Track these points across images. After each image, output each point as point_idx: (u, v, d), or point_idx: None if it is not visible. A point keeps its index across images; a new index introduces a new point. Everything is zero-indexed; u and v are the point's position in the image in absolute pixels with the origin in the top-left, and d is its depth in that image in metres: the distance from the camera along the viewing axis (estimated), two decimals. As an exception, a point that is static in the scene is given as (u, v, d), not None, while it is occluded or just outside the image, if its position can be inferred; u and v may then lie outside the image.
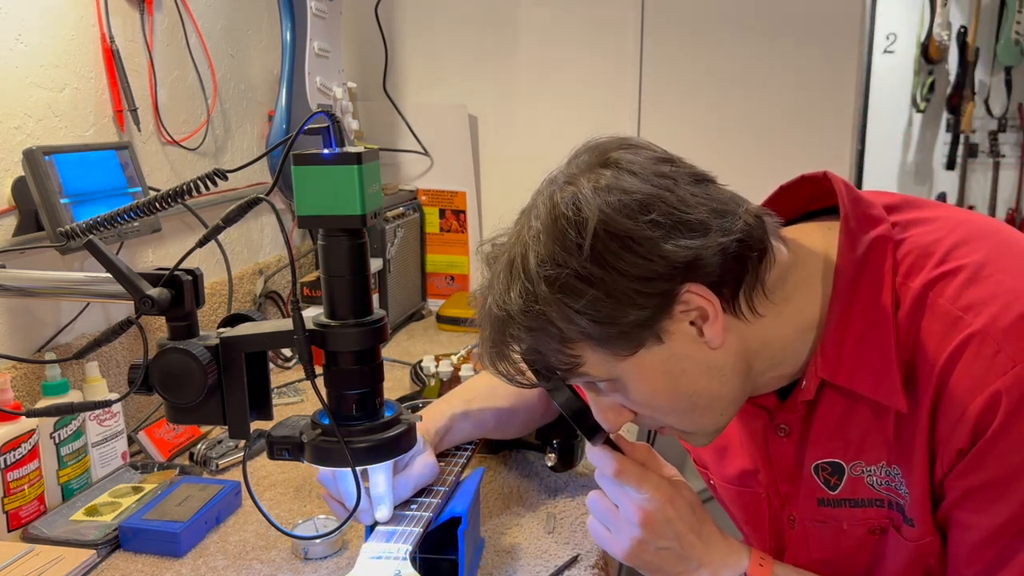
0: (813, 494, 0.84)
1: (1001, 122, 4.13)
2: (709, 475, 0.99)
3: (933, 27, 3.99)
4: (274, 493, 1.16)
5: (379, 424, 0.75)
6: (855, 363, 0.76)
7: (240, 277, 1.64)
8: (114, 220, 0.75)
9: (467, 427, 1.08)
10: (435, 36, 2.04)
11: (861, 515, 0.83)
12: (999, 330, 0.70)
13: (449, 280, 2.13)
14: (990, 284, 0.73)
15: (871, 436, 0.79)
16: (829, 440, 0.81)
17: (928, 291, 0.74)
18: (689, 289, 0.71)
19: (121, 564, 0.99)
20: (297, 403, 1.47)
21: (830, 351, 0.77)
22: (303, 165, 0.68)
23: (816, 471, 0.83)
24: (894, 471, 0.79)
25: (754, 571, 0.81)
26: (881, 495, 0.81)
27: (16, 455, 1.04)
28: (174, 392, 0.72)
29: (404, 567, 0.80)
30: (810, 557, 0.89)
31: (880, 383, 0.75)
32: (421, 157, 2.08)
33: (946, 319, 0.73)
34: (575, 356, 0.74)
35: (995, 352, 0.70)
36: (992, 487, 0.73)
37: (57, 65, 1.21)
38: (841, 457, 0.81)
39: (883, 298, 0.75)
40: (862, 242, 0.77)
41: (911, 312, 0.75)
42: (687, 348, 0.74)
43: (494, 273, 0.77)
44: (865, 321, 0.76)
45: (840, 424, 0.80)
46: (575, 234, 0.70)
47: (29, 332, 1.19)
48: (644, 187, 0.71)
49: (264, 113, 1.77)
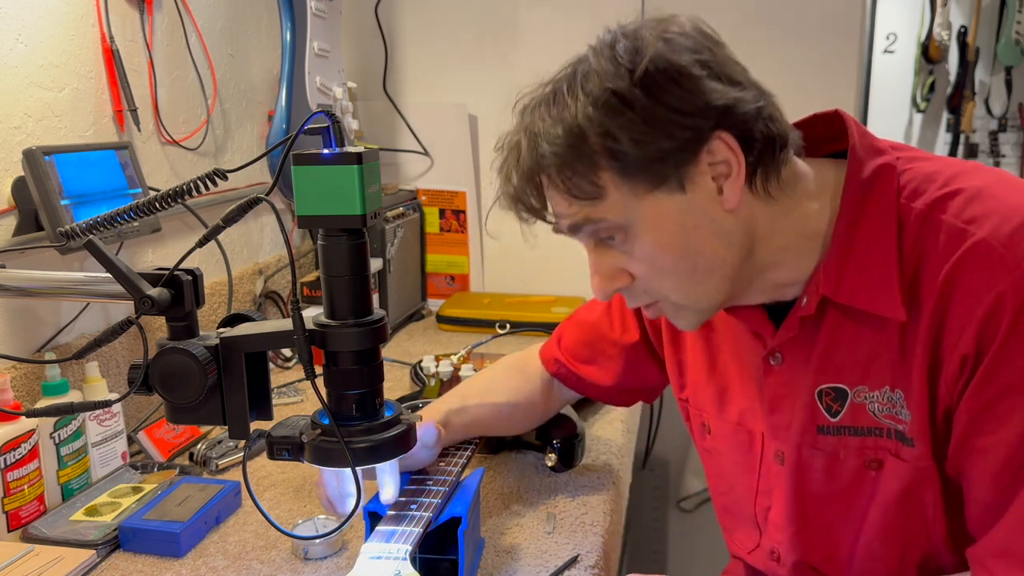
0: (813, 421, 0.86)
1: (1001, 122, 4.13)
2: (707, 420, 0.99)
3: (933, 27, 3.99)
4: (274, 493, 1.16)
5: (379, 424, 0.75)
6: (857, 280, 0.79)
7: (240, 277, 1.64)
8: (114, 220, 0.75)
9: (464, 421, 1.08)
10: (435, 36, 2.04)
11: (859, 444, 0.84)
12: (1003, 236, 0.74)
13: (449, 280, 2.13)
14: (991, 201, 0.77)
15: (876, 359, 0.81)
16: (834, 365, 0.83)
17: (932, 210, 0.78)
18: (719, 136, 0.75)
19: (121, 564, 0.99)
20: (297, 403, 1.47)
21: (832, 268, 0.80)
22: (303, 165, 0.68)
23: (820, 396, 0.85)
24: (896, 396, 0.81)
25: None
26: (882, 423, 0.82)
27: (16, 455, 1.04)
28: (174, 392, 0.72)
29: (404, 567, 0.80)
30: (802, 494, 0.89)
31: (879, 296, 0.78)
32: (421, 157, 2.08)
33: (950, 232, 0.76)
34: (599, 188, 0.76)
35: (999, 257, 0.73)
36: (1008, 396, 0.74)
37: (57, 65, 1.21)
38: (845, 382, 0.83)
39: (887, 218, 0.79)
40: (868, 167, 0.81)
41: (915, 230, 0.78)
42: (704, 204, 0.77)
43: (534, 101, 0.80)
44: (869, 240, 0.79)
45: (845, 347, 0.83)
46: (628, 59, 0.74)
47: (29, 332, 1.19)
48: (696, 38, 0.77)
49: (264, 113, 1.77)
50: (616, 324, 1.10)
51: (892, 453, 0.83)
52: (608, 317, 1.12)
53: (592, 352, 1.12)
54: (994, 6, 4.04)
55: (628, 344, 1.09)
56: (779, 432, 0.90)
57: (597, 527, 1.05)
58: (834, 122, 0.86)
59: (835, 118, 0.86)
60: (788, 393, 0.88)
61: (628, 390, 1.14)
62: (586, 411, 1.42)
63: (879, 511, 0.85)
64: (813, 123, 0.87)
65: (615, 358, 1.10)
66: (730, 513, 1.04)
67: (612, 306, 1.12)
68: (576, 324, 1.16)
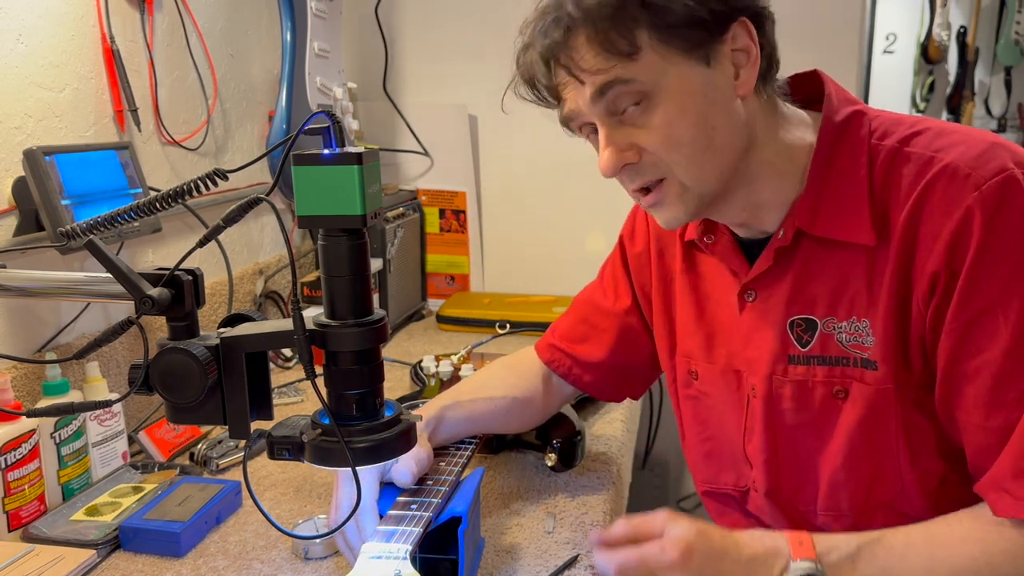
0: (785, 351, 0.90)
1: (1001, 122, 4.13)
2: (695, 366, 1.02)
3: (933, 27, 3.99)
4: (274, 493, 1.16)
5: (379, 424, 0.75)
6: (830, 213, 0.85)
7: (240, 277, 1.64)
8: (114, 220, 0.75)
9: (460, 416, 1.08)
10: (435, 36, 2.04)
11: (827, 373, 0.88)
12: (969, 159, 0.79)
13: (449, 280, 2.13)
14: (956, 135, 0.83)
15: (844, 290, 0.86)
16: (805, 296, 0.88)
17: (901, 146, 0.84)
18: (744, 22, 0.81)
19: (121, 564, 0.99)
20: (297, 403, 1.47)
21: (807, 203, 0.86)
22: (303, 165, 0.68)
23: (791, 327, 0.90)
24: (863, 324, 0.85)
25: (797, 550, 0.83)
26: (849, 353, 0.87)
27: (16, 455, 1.04)
28: (174, 392, 0.72)
29: (404, 567, 0.81)
30: (773, 425, 0.93)
31: (850, 224, 0.84)
32: (421, 157, 2.08)
33: (919, 160, 0.82)
34: (636, 46, 0.78)
35: (966, 176, 0.78)
36: (989, 313, 0.78)
37: (57, 65, 1.21)
38: (815, 313, 0.88)
39: (859, 154, 0.85)
40: (842, 112, 0.88)
41: (885, 164, 0.84)
42: (723, 83, 0.82)
43: None
44: (842, 175, 0.85)
45: (815, 280, 0.88)
46: None
47: (29, 332, 1.19)
48: None
49: (264, 113, 1.77)
50: (609, 292, 1.13)
51: (857, 379, 0.86)
52: (601, 287, 1.15)
53: (586, 329, 1.15)
54: (994, 6, 4.04)
55: (620, 311, 1.12)
56: (753, 366, 0.94)
57: (597, 527, 1.05)
58: (812, 85, 0.92)
59: (814, 77, 0.92)
60: (760, 327, 0.92)
61: (619, 368, 1.14)
62: (586, 411, 1.42)
63: (843, 440, 0.88)
64: (793, 85, 0.93)
65: (608, 331, 1.13)
66: (714, 458, 1.04)
67: (604, 277, 1.15)
68: (570, 309, 1.19)
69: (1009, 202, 0.77)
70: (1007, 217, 0.77)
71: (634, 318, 1.11)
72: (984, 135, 0.83)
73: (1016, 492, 0.77)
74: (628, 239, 1.12)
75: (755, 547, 0.85)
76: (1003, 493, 0.78)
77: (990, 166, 0.78)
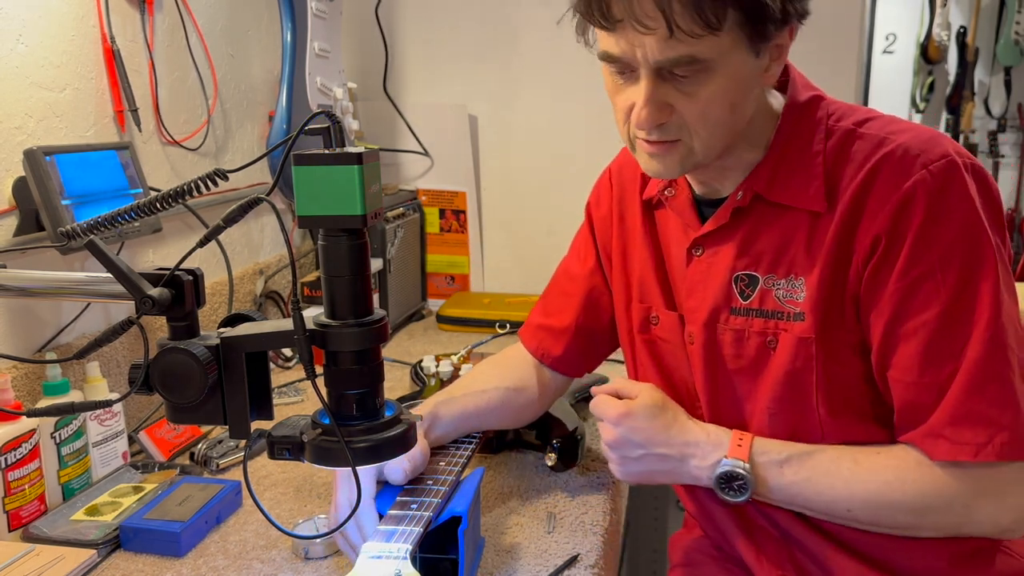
0: (728, 303, 0.98)
1: (1001, 122, 4.14)
2: (656, 311, 1.07)
3: (933, 27, 3.99)
4: (274, 493, 1.16)
5: (379, 424, 0.75)
6: (786, 181, 0.93)
7: (240, 277, 1.64)
8: (115, 220, 0.75)
9: (454, 411, 1.09)
10: (435, 36, 2.04)
11: (762, 325, 0.96)
12: (919, 142, 0.88)
13: (449, 280, 2.13)
14: (906, 123, 0.93)
15: (786, 251, 0.93)
16: (751, 254, 0.96)
17: (856, 127, 0.92)
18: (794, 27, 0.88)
19: (121, 564, 0.99)
20: (297, 403, 1.47)
21: (766, 171, 0.94)
22: (303, 165, 0.68)
23: (736, 281, 0.97)
24: (799, 283, 0.93)
25: (734, 451, 0.94)
26: (783, 308, 0.94)
27: (17, 455, 1.04)
28: (174, 392, 0.72)
29: (404, 567, 0.81)
30: (714, 370, 1.00)
31: (804, 192, 0.91)
32: (421, 157, 2.08)
33: (872, 140, 0.90)
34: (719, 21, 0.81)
35: (915, 156, 0.87)
36: (929, 278, 0.85)
37: (58, 65, 1.21)
38: (758, 270, 0.96)
39: (817, 131, 0.93)
40: (804, 95, 0.96)
41: (839, 141, 0.92)
42: (758, 74, 0.89)
43: None
44: (799, 149, 0.93)
45: (762, 240, 0.95)
46: None
47: (30, 332, 1.19)
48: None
49: (264, 113, 1.77)
50: (580, 254, 1.19)
51: (785, 331, 0.94)
52: (572, 256, 1.21)
53: (558, 299, 1.19)
54: (993, 6, 4.04)
55: (586, 271, 1.17)
56: (691, 315, 1.01)
57: (597, 527, 1.05)
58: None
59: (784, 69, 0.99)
60: (702, 280, 0.99)
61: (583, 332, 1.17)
62: (586, 411, 1.42)
63: (768, 386, 0.95)
64: None
65: (575, 295, 1.17)
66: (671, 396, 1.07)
67: (574, 246, 1.21)
68: (547, 288, 1.23)
69: (951, 181, 0.86)
70: (948, 194, 0.86)
71: (598, 278, 1.17)
72: (930, 128, 0.93)
73: (953, 437, 0.85)
74: (595, 205, 1.18)
75: (697, 434, 0.97)
76: (939, 439, 0.86)
77: (937, 150, 0.87)
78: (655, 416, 0.97)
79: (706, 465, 0.95)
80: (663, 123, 0.88)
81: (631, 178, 1.11)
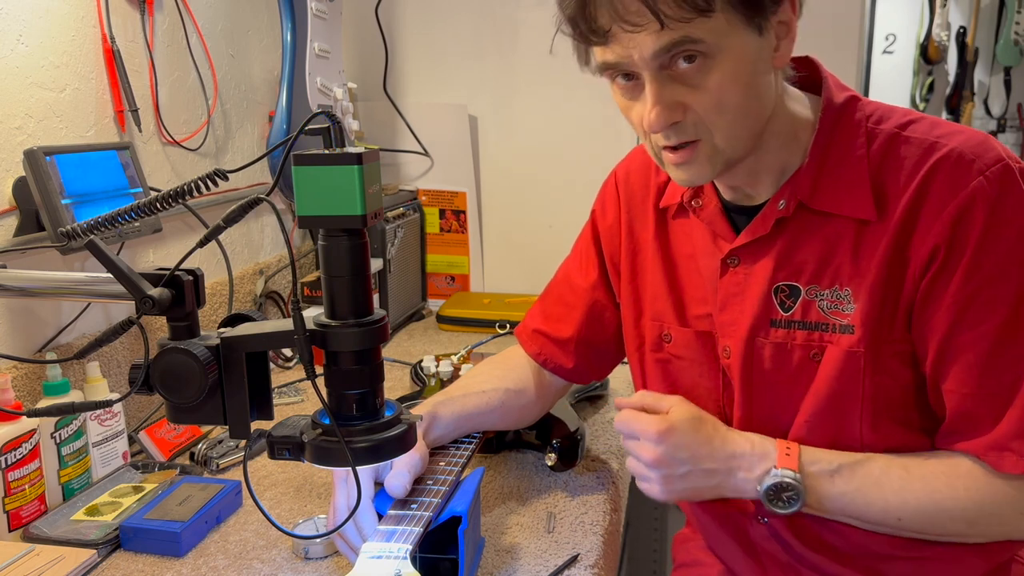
0: (768, 315, 0.94)
1: (1000, 122, 4.13)
2: (668, 329, 1.04)
3: (932, 27, 3.99)
4: (275, 493, 1.16)
5: (379, 424, 0.75)
6: (830, 188, 0.89)
7: (240, 277, 1.64)
8: (115, 220, 0.75)
9: (453, 412, 1.08)
10: (435, 36, 2.04)
11: (806, 337, 0.92)
12: (972, 146, 0.85)
13: (449, 280, 2.13)
14: (952, 126, 0.89)
15: (830, 261, 0.90)
16: (792, 264, 0.92)
17: (899, 130, 0.89)
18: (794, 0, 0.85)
19: (122, 564, 0.99)
20: (297, 403, 1.47)
21: (808, 178, 0.90)
22: (303, 165, 0.68)
23: (776, 292, 0.93)
24: (845, 293, 0.90)
25: (783, 461, 0.90)
26: (828, 319, 0.91)
27: (17, 455, 1.04)
28: (175, 392, 0.72)
29: (404, 566, 0.81)
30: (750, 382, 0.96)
31: (850, 200, 0.88)
32: (421, 157, 2.08)
33: (922, 145, 0.87)
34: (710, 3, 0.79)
35: (970, 162, 0.84)
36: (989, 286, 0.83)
37: (58, 65, 1.21)
38: (799, 281, 0.92)
39: (857, 135, 0.90)
40: (840, 96, 0.92)
41: (883, 146, 0.89)
42: (767, 53, 0.85)
43: None
44: (841, 153, 0.90)
45: (804, 249, 0.91)
46: None
47: (30, 332, 1.19)
48: None
49: (264, 113, 1.77)
50: (582, 265, 1.16)
51: (832, 343, 0.91)
52: (574, 264, 1.18)
53: (560, 308, 1.17)
54: (993, 6, 4.04)
55: (589, 285, 1.14)
56: (726, 328, 0.97)
57: (597, 527, 1.05)
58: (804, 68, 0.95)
59: (806, 62, 0.96)
60: (739, 292, 0.95)
61: (586, 344, 1.15)
62: (586, 411, 1.42)
63: (811, 399, 0.92)
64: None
65: (577, 307, 1.15)
66: None
67: (576, 253, 1.18)
68: (547, 289, 1.21)
69: (1009, 187, 0.83)
70: (1007, 201, 0.83)
71: (601, 292, 1.14)
72: (978, 131, 0.89)
73: (1021, 450, 0.83)
74: (600, 213, 1.14)
75: (742, 445, 0.92)
76: (1005, 452, 0.84)
77: (991, 155, 0.85)
78: (697, 429, 0.92)
79: (753, 477, 0.90)
80: (677, 122, 0.84)
81: (641, 185, 1.07)
